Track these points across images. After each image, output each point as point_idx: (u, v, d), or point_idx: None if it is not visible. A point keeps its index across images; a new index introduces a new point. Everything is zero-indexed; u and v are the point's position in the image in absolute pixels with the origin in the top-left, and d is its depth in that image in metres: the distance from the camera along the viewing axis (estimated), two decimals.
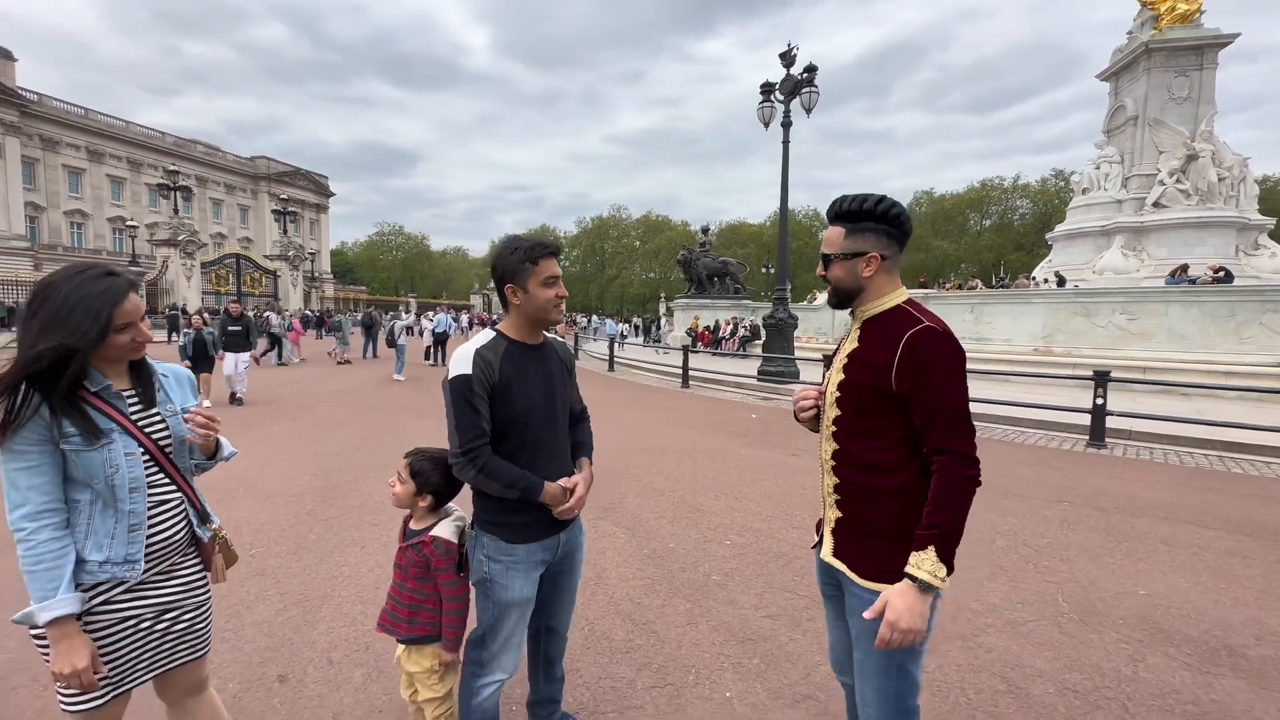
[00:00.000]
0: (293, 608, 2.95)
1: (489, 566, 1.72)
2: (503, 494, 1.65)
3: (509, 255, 1.69)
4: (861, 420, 1.45)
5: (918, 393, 1.35)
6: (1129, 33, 21.37)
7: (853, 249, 1.46)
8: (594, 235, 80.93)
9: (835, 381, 1.51)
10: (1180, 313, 13.55)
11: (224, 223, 60.92)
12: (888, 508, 1.42)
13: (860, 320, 1.52)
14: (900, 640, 1.31)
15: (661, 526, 4.21)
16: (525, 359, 1.73)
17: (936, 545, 1.30)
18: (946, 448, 1.33)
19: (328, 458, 6.03)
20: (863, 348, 1.46)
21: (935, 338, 1.36)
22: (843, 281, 1.49)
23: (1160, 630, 2.86)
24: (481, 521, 1.75)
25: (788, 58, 12.40)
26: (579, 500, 1.75)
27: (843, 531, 1.50)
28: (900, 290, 1.49)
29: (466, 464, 1.62)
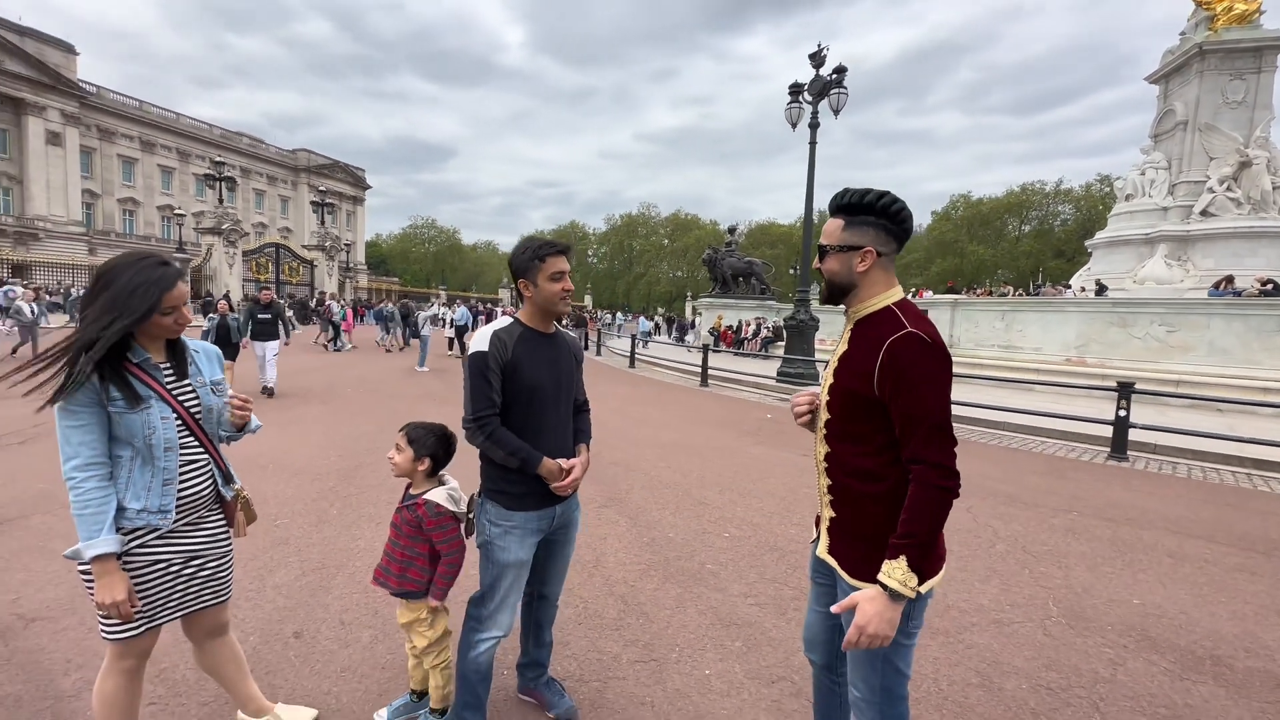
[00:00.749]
0: (311, 574, 3.18)
1: (490, 530, 1.89)
2: (505, 461, 1.83)
3: (521, 254, 1.89)
4: (849, 424, 1.45)
5: (897, 400, 1.33)
6: (1182, 34, 20.57)
7: (849, 242, 1.44)
8: (622, 233, 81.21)
9: (826, 385, 1.52)
10: (1223, 326, 13.07)
11: (265, 213, 63.08)
12: (875, 513, 1.42)
13: (852, 321, 1.51)
14: (867, 643, 1.33)
15: (664, 517, 4.34)
16: (537, 344, 1.90)
17: (909, 555, 1.31)
18: (924, 458, 1.31)
19: (352, 440, 6.31)
20: (852, 350, 1.45)
21: (917, 344, 1.32)
22: (836, 275, 1.47)
23: (1147, 637, 2.88)
24: (486, 489, 1.93)
25: (817, 58, 12.34)
26: (573, 480, 1.90)
27: (837, 531, 1.52)
28: (893, 290, 1.46)
29: (477, 430, 1.81)
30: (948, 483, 1.31)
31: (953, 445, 1.34)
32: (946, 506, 1.32)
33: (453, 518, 1.98)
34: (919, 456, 1.32)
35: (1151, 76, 21.55)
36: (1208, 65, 19.21)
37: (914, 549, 1.31)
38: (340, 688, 2.27)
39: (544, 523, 1.93)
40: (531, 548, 1.93)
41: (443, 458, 2.05)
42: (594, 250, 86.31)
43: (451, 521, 1.97)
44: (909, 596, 1.31)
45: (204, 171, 44.03)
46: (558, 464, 1.88)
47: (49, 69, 43.16)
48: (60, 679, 2.23)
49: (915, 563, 1.31)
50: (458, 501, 2.02)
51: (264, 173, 63.23)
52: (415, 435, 2.02)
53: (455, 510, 1.99)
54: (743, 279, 24.91)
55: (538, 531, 1.93)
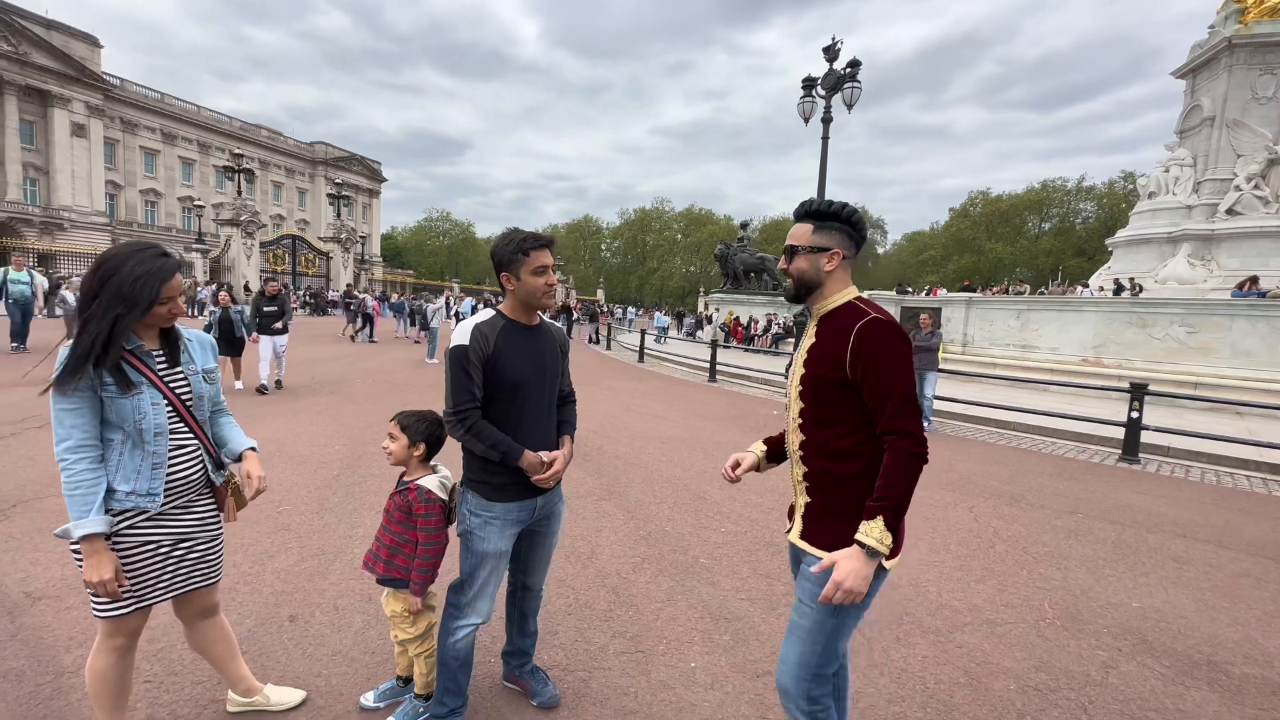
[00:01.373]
0: (309, 560, 3.24)
1: (470, 520, 1.92)
2: (486, 454, 1.84)
3: (505, 246, 1.89)
4: (822, 409, 1.56)
5: (868, 378, 1.46)
6: (1210, 27, 20.02)
7: (818, 243, 1.58)
8: (636, 227, 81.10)
9: (798, 376, 1.62)
10: (1246, 327, 12.77)
11: (283, 204, 63.90)
12: (850, 491, 1.52)
13: (817, 317, 1.62)
14: (842, 598, 1.43)
15: (661, 511, 4.36)
16: (519, 336, 1.91)
17: (885, 516, 1.42)
18: (896, 428, 1.44)
19: (359, 429, 6.40)
20: (819, 342, 1.56)
21: (882, 328, 1.47)
22: (805, 273, 1.60)
23: (1143, 641, 2.84)
24: (467, 479, 1.96)
25: (831, 52, 12.19)
26: (554, 473, 1.91)
27: (811, 516, 1.60)
28: (852, 288, 1.62)
29: (457, 423, 1.83)
30: (919, 449, 1.44)
31: (919, 415, 1.48)
32: (917, 471, 1.44)
33: (442, 505, 2.00)
34: (892, 427, 1.45)
35: (1178, 71, 21.03)
36: (1237, 60, 18.72)
37: (889, 511, 1.42)
38: (330, 670, 2.32)
39: (524, 514, 1.95)
40: (511, 538, 1.95)
41: (435, 444, 2.08)
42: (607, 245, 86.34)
43: (440, 510, 1.99)
44: (883, 554, 1.42)
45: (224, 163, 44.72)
46: (539, 457, 1.89)
47: (74, 62, 43.98)
48: (62, 655, 2.30)
49: (890, 523, 1.42)
50: (449, 490, 2.05)
51: (282, 165, 64.01)
52: (407, 423, 2.05)
53: (445, 499, 2.02)
54: (755, 275, 24.80)
55: (518, 523, 1.95)
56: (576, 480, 4.99)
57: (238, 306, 8.75)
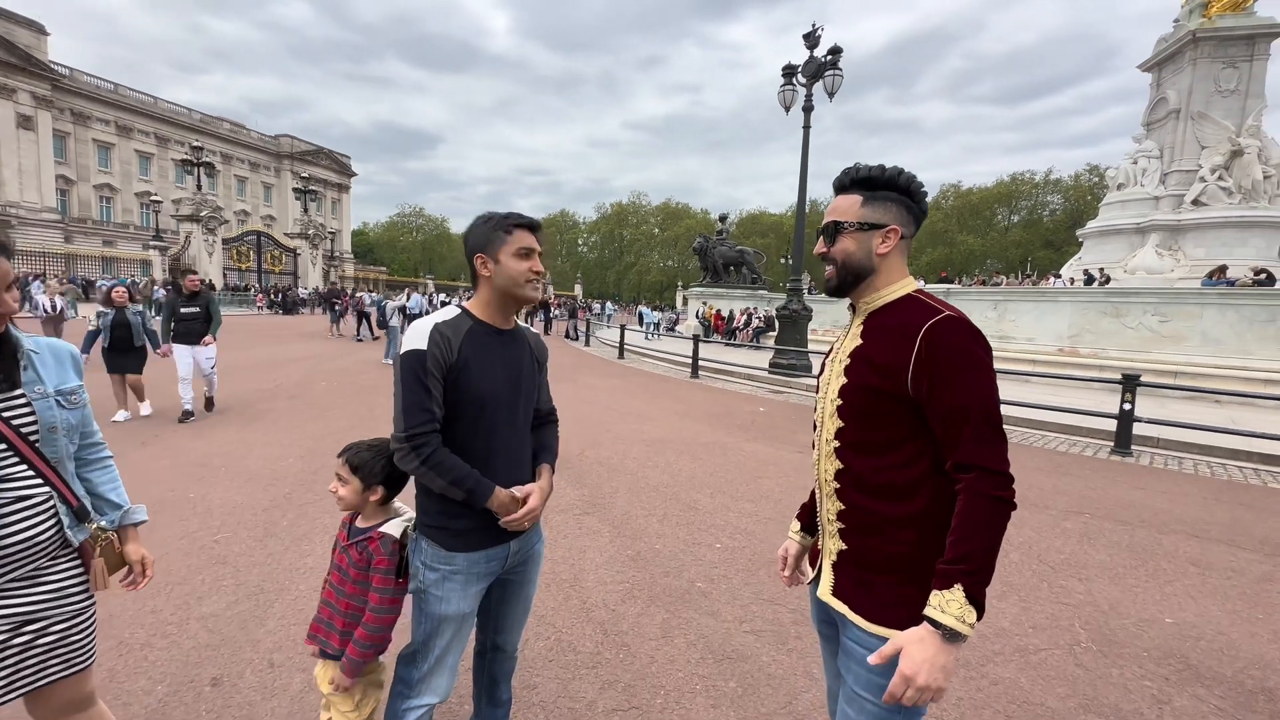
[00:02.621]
0: (246, 600, 2.79)
1: (425, 575, 1.52)
2: (445, 492, 1.45)
3: (482, 224, 1.52)
4: (870, 432, 1.21)
5: (937, 396, 1.11)
6: (1175, 21, 20.33)
7: (871, 219, 1.24)
8: (613, 222, 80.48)
9: (835, 387, 1.27)
10: (1216, 316, 12.96)
11: (248, 200, 61.70)
12: (904, 539, 1.18)
13: (864, 312, 1.28)
14: (915, 698, 1.08)
15: (650, 525, 3.99)
16: (490, 342, 1.53)
17: (965, 583, 1.06)
18: (974, 462, 1.09)
19: (318, 439, 5.90)
20: (868, 344, 1.23)
21: (958, 329, 1.13)
22: (853, 257, 1.25)
23: (1189, 666, 2.57)
24: (421, 523, 1.56)
25: (811, 39, 11.91)
26: (531, 512, 1.52)
27: (847, 567, 1.26)
28: (910, 279, 1.27)
29: (409, 452, 1.42)
30: (1004, 491, 1.09)
31: (1005, 445, 1.12)
32: (1004, 520, 1.09)
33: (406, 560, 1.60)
34: (969, 461, 1.10)
35: (1144, 64, 21.34)
36: (1201, 53, 19.02)
37: (971, 576, 1.07)
38: None
39: (494, 564, 1.56)
40: (477, 596, 1.55)
41: (398, 483, 1.67)
42: (584, 239, 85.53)
43: None
44: (966, 635, 1.06)
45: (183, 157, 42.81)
46: (511, 494, 1.50)
47: (18, 49, 41.59)
48: None
49: (973, 592, 1.06)
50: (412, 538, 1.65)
51: (246, 159, 61.74)
52: (359, 461, 1.64)
53: None
54: (734, 268, 24.55)
55: (485, 576, 1.55)
56: (557, 492, 4.59)
57: (137, 306, 6.68)
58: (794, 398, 10.70)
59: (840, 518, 1.26)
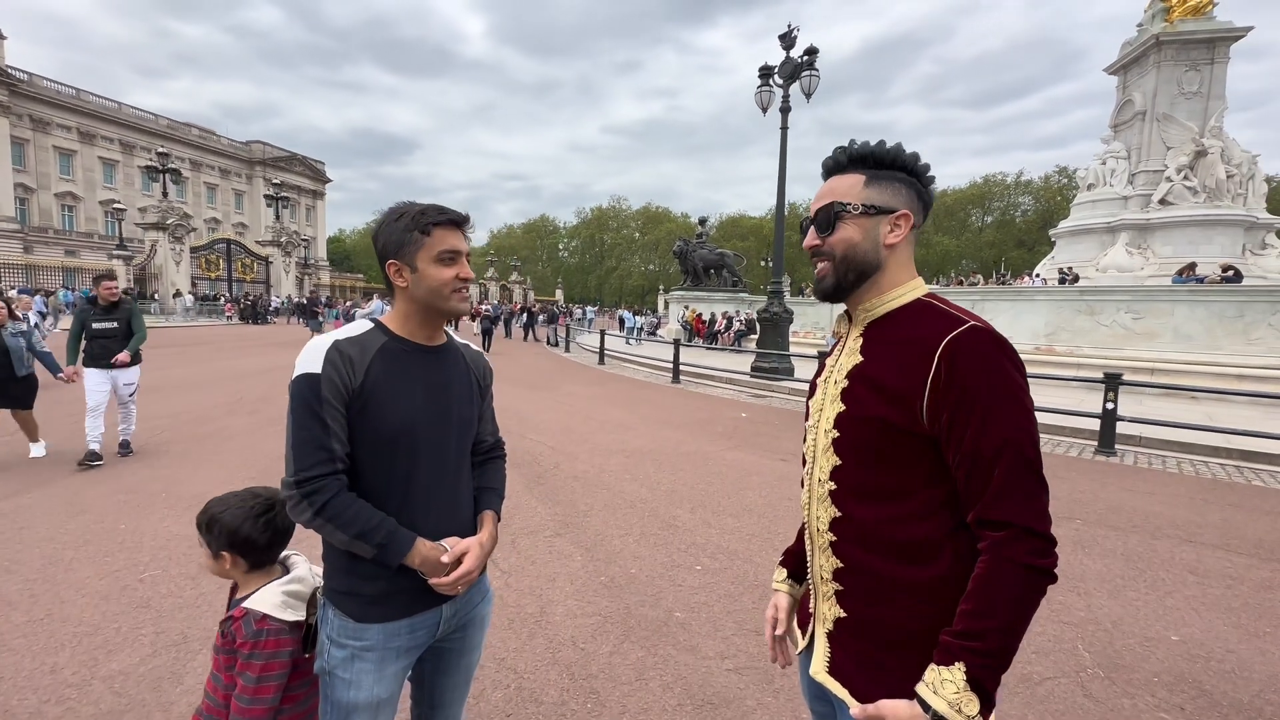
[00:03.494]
0: (164, 652, 2.46)
1: (331, 653, 1.22)
2: (351, 548, 1.17)
3: (393, 222, 1.25)
4: (875, 474, 0.97)
5: (958, 428, 0.88)
6: (1139, 25, 20.81)
7: (878, 202, 1.00)
8: (593, 226, 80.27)
9: (830, 415, 1.03)
10: (1187, 312, 13.16)
11: (218, 208, 60.19)
12: (921, 612, 0.94)
13: (863, 321, 1.04)
14: None
15: (626, 546, 3.73)
16: (409, 362, 1.26)
17: (969, 664, 0.83)
18: (1005, 518, 0.85)
19: (272, 459, 5.53)
20: (871, 363, 0.99)
21: (988, 345, 0.89)
22: (857, 249, 1.00)
23: (1203, 692, 2.40)
24: (328, 588, 1.27)
25: (788, 39, 11.82)
26: (465, 576, 1.23)
27: (846, 639, 1.02)
28: (919, 280, 1.04)
29: (300, 500, 1.14)
30: (1043, 560, 0.84)
31: (1046, 496, 0.88)
32: (1037, 594, 0.85)
33: (290, 639, 1.31)
34: (1000, 517, 0.85)
35: (1111, 67, 21.79)
36: (1164, 56, 19.45)
37: (980, 657, 0.83)
38: None
39: (420, 634, 1.28)
40: (398, 677, 1.27)
41: (262, 543, 1.36)
42: (565, 244, 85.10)
43: (272, 648, 1.27)
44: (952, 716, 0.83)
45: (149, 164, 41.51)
46: (439, 548, 1.22)
47: None
48: None
49: (977, 674, 0.83)
50: (307, 600, 1.35)
51: (216, 165, 60.24)
52: (202, 521, 1.34)
53: (294, 619, 1.32)
54: (714, 271, 24.47)
55: (409, 650, 1.27)
56: (527, 511, 4.32)
57: (19, 325, 5.28)
58: (776, 401, 10.55)
59: (838, 577, 1.02)
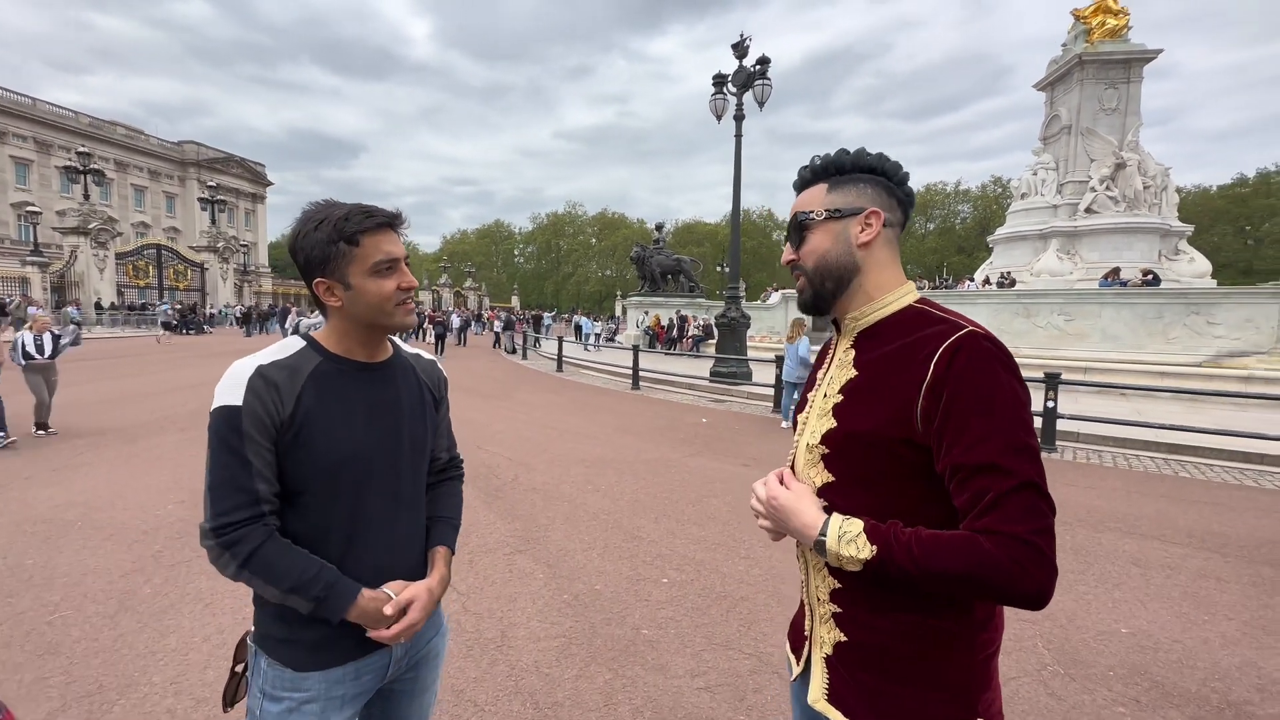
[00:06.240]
0: (74, 705, 2.20)
1: (264, 708, 1.07)
2: (284, 602, 1.02)
3: (312, 232, 1.07)
4: (869, 490, 0.90)
5: (950, 435, 0.81)
6: (1063, 45, 22.19)
7: (842, 204, 0.96)
8: (549, 232, 79.64)
9: (819, 430, 0.96)
10: (1113, 314, 14.03)
11: (147, 211, 56.60)
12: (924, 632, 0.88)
13: (853, 331, 0.99)
14: None
15: (589, 561, 3.62)
16: (348, 383, 1.11)
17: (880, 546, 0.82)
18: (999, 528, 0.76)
19: None
20: (865, 375, 0.93)
21: (984, 349, 0.83)
22: (829, 255, 0.96)
23: (1155, 684, 2.47)
24: (259, 636, 1.11)
25: (740, 48, 12.00)
26: (410, 628, 1.10)
27: (847, 666, 0.94)
28: (909, 284, 0.98)
29: (220, 550, 0.99)
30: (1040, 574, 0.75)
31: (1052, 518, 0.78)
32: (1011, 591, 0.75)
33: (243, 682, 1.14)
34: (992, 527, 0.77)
35: (1039, 84, 23.13)
36: (1087, 74, 20.80)
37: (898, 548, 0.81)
38: None
39: (368, 679, 1.14)
40: None
41: None
42: (520, 250, 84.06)
43: None
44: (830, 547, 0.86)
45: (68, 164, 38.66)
46: (383, 596, 1.09)
47: None
48: None
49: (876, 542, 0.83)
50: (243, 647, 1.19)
51: (144, 167, 56.65)
52: None
53: None
54: (672, 276, 24.59)
55: (356, 698, 1.14)
56: (485, 527, 4.14)
57: None
58: (736, 406, 10.62)
59: (835, 598, 0.95)
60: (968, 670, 0.88)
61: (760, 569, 3.54)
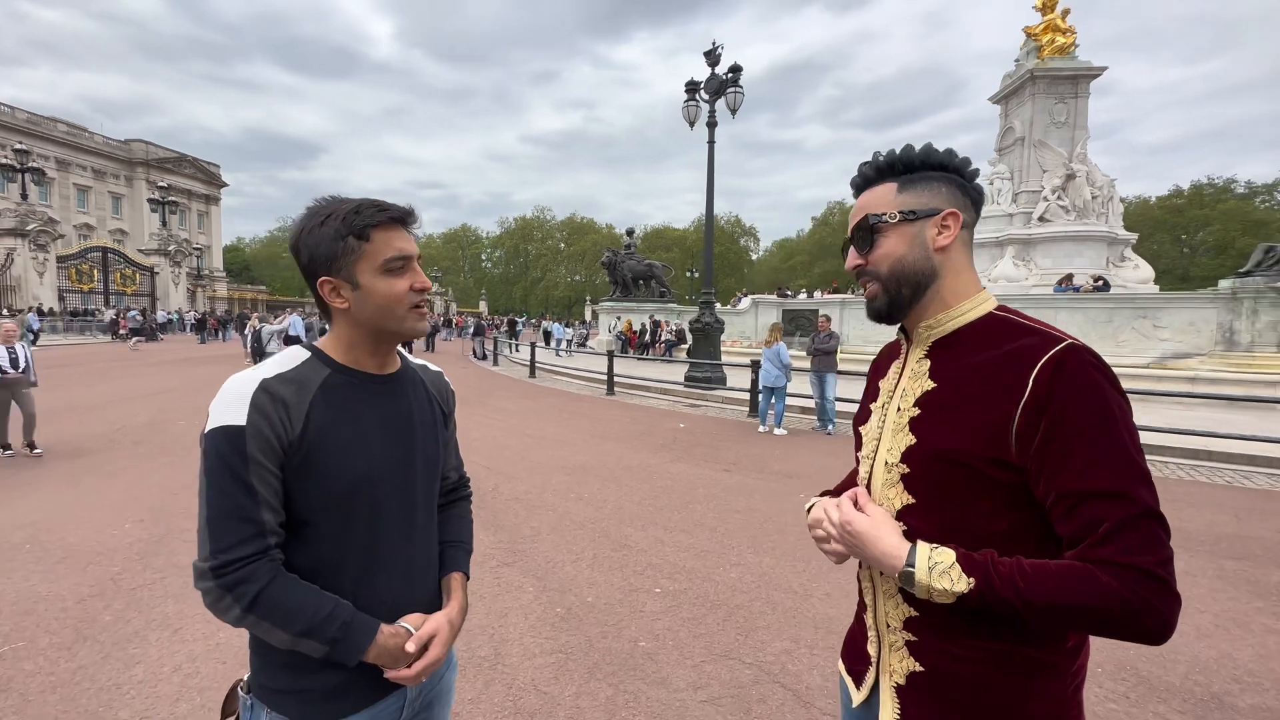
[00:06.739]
0: None
1: None
2: (295, 647, 0.91)
3: (318, 227, 0.97)
4: (955, 512, 0.84)
5: (1053, 461, 0.75)
6: (1016, 61, 23.17)
7: (917, 205, 0.90)
8: (517, 236, 78.92)
9: (897, 447, 0.91)
10: (1067, 318, 14.65)
11: (91, 212, 53.81)
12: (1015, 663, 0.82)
13: (927, 340, 0.93)
14: None
15: (579, 573, 3.54)
16: (360, 397, 1.01)
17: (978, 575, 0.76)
18: (1115, 559, 0.71)
19: (168, 495, 4.87)
20: (948, 389, 0.87)
21: (1089, 365, 0.77)
22: (905, 261, 0.90)
23: (1142, 679, 2.54)
24: (260, 686, 0.99)
25: (712, 56, 12.13)
26: (431, 666, 1.00)
27: (920, 696, 0.88)
28: (986, 292, 0.93)
29: (222, 593, 0.87)
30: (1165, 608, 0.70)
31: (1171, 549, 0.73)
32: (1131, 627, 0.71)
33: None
34: (1121, 559, 0.70)
35: (994, 97, 24.09)
36: (1038, 89, 21.76)
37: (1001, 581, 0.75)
38: None
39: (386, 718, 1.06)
40: None
41: None
42: (488, 254, 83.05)
43: None
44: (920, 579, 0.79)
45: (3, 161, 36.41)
46: (403, 631, 0.99)
47: None
48: None
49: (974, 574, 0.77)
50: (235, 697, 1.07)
51: (89, 166, 53.86)
52: None
53: None
54: (643, 282, 24.64)
55: None
56: None
57: None
58: (711, 410, 10.65)
59: (911, 626, 0.89)
60: (1060, 702, 0.83)
61: (752, 575, 3.52)
